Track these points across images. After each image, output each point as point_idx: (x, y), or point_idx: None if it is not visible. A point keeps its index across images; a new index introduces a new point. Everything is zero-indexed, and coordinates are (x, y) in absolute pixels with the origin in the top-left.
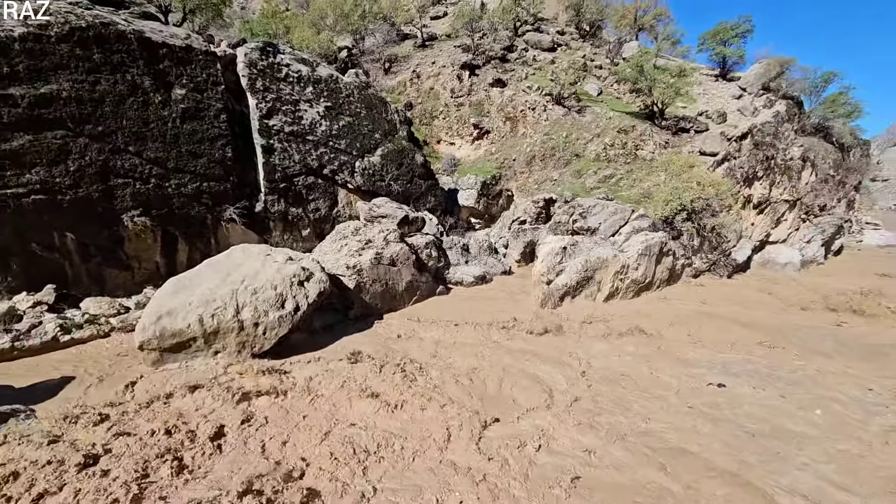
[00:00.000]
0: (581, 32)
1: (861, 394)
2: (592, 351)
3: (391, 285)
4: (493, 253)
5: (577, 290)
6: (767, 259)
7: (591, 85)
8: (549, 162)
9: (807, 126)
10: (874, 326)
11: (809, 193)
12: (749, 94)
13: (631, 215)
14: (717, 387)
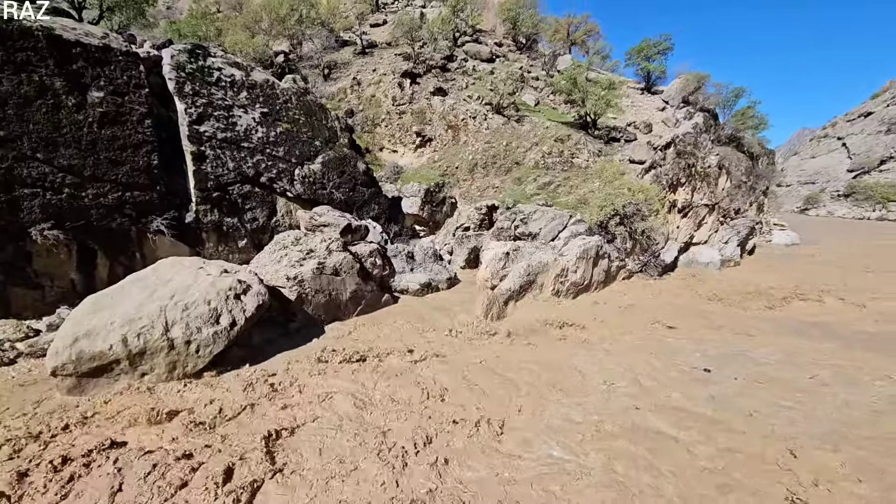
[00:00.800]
0: (518, 45)
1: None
2: (541, 354)
3: (335, 295)
4: (438, 260)
5: (521, 293)
6: (692, 259)
7: (528, 95)
8: (491, 169)
9: (721, 136)
10: (784, 311)
11: (726, 198)
12: (671, 106)
13: (569, 220)
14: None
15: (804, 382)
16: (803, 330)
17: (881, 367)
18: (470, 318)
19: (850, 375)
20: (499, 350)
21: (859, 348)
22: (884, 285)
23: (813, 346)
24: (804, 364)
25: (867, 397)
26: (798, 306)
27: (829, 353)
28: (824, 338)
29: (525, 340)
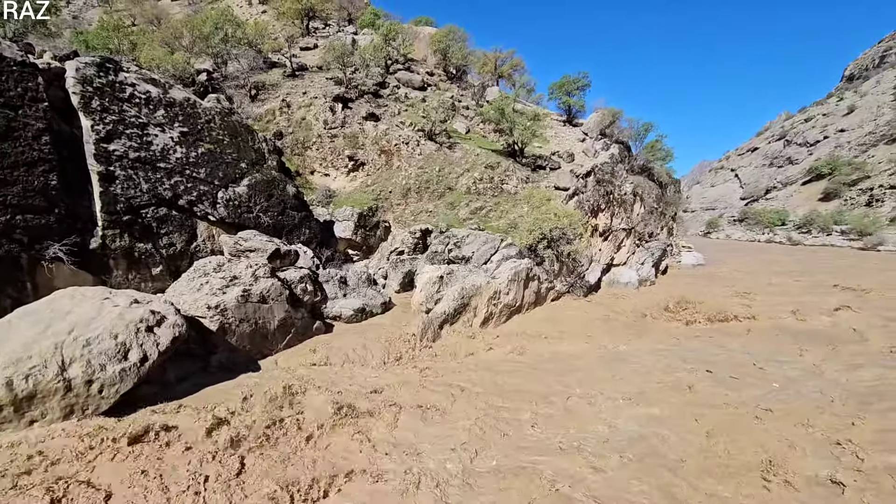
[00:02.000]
0: (449, 75)
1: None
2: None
3: (262, 324)
4: (372, 284)
5: (455, 316)
6: (613, 279)
7: (459, 123)
8: (424, 194)
9: (635, 166)
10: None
11: (640, 223)
12: (590, 138)
13: (500, 244)
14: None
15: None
16: (710, 334)
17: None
18: (405, 344)
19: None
20: (428, 380)
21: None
22: (771, 295)
23: (715, 345)
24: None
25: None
26: (706, 316)
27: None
28: (728, 337)
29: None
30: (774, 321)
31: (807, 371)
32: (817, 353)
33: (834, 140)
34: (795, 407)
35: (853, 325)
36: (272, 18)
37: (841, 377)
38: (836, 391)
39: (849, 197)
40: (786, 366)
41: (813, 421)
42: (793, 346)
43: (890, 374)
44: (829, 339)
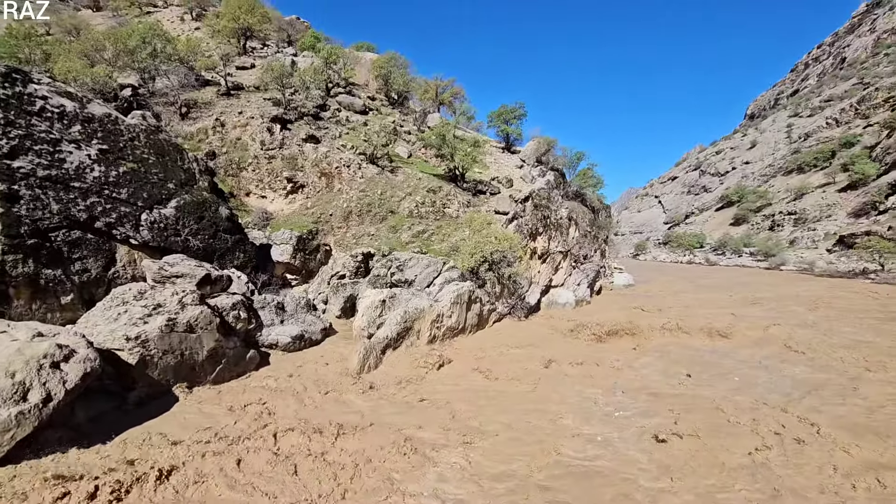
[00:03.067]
0: (390, 100)
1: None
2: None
3: (189, 355)
4: (311, 310)
5: (398, 340)
6: (552, 301)
7: (401, 148)
8: (366, 217)
9: (569, 192)
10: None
11: (576, 245)
12: (528, 164)
13: (443, 267)
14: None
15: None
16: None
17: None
18: (345, 373)
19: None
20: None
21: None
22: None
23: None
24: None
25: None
26: (635, 331)
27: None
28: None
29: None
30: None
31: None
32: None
33: (741, 171)
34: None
35: (783, 338)
36: (206, 36)
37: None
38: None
39: (755, 222)
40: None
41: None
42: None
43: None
44: (780, 343)
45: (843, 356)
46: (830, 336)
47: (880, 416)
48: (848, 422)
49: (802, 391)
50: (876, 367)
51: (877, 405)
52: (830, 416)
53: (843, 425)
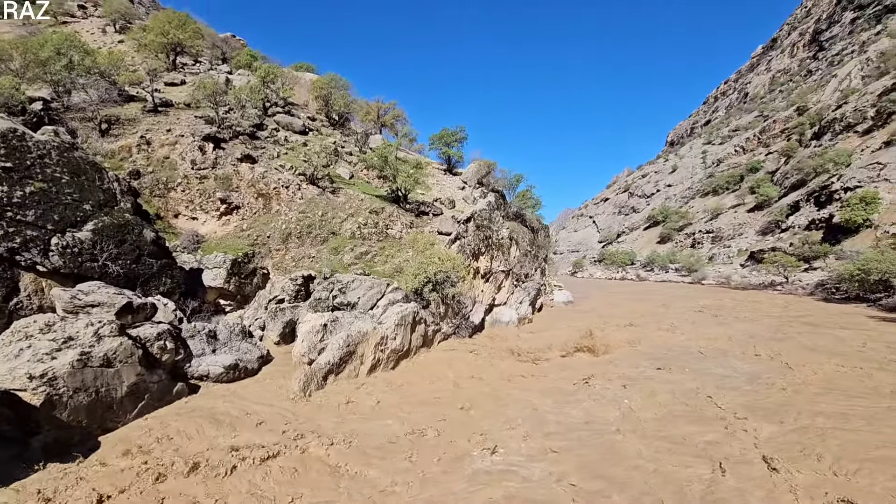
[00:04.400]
0: (331, 121)
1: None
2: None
3: (105, 393)
4: (247, 337)
5: (341, 366)
6: (495, 319)
7: (342, 169)
8: (307, 239)
9: (510, 213)
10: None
11: (517, 265)
12: (469, 186)
13: (386, 289)
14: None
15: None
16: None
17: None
18: (284, 402)
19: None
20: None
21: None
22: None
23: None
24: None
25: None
26: (577, 346)
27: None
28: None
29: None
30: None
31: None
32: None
33: (664, 193)
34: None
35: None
36: (131, 49)
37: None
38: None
39: (678, 240)
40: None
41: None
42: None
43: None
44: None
45: (760, 352)
46: (745, 335)
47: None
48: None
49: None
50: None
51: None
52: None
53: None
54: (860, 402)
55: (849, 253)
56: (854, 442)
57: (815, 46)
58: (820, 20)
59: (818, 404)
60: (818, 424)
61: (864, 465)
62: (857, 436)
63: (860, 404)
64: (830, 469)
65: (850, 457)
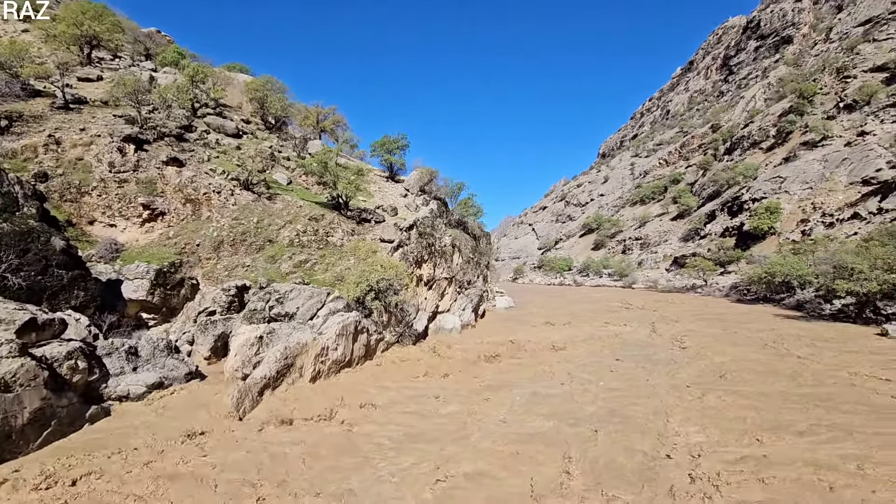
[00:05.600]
0: (267, 125)
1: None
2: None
3: (3, 421)
4: (173, 353)
5: (279, 379)
6: (439, 326)
7: (280, 174)
8: (241, 247)
9: (452, 221)
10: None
11: (460, 271)
12: (412, 193)
13: (327, 298)
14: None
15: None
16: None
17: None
18: (213, 420)
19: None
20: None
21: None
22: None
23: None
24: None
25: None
26: (517, 350)
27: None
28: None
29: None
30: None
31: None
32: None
33: (598, 202)
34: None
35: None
36: (37, 40)
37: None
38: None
39: (610, 246)
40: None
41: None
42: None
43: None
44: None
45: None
46: (677, 329)
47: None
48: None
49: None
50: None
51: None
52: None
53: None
54: (745, 376)
55: (757, 257)
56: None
57: (726, 70)
58: (729, 47)
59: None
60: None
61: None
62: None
63: (744, 377)
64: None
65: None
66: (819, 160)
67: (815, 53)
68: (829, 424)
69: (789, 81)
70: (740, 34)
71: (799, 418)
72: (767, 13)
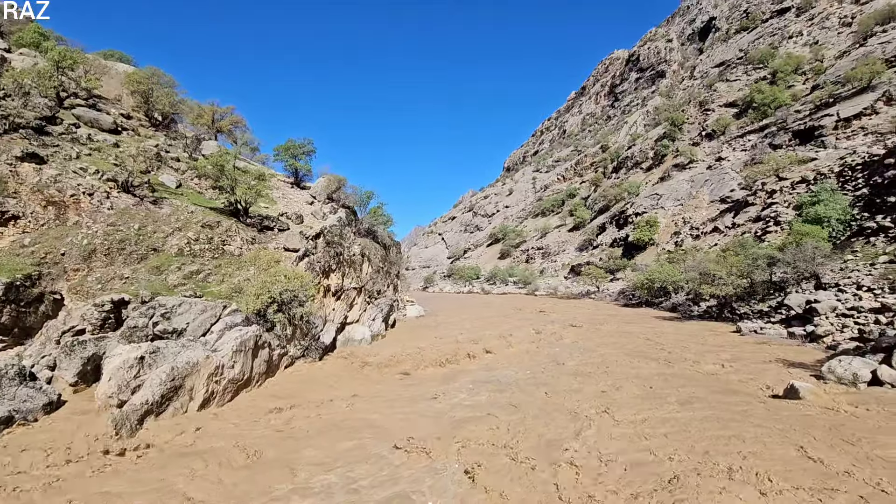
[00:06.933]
0: (153, 121)
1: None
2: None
3: None
4: (27, 381)
5: (164, 404)
6: (348, 338)
7: (167, 176)
8: (118, 257)
9: (361, 229)
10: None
11: (369, 281)
12: (319, 201)
13: (223, 311)
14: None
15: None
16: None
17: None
18: (79, 458)
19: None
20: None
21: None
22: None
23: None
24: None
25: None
26: (427, 359)
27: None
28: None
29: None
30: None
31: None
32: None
33: (503, 213)
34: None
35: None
36: None
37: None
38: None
39: (515, 256)
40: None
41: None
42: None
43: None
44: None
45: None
46: (582, 325)
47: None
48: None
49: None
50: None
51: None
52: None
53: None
54: (631, 361)
55: (640, 266)
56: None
57: (613, 97)
58: (615, 76)
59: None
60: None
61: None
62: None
63: (630, 363)
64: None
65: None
66: (687, 180)
67: (683, 87)
68: (679, 395)
69: (663, 110)
70: (624, 65)
71: (660, 390)
72: (645, 49)
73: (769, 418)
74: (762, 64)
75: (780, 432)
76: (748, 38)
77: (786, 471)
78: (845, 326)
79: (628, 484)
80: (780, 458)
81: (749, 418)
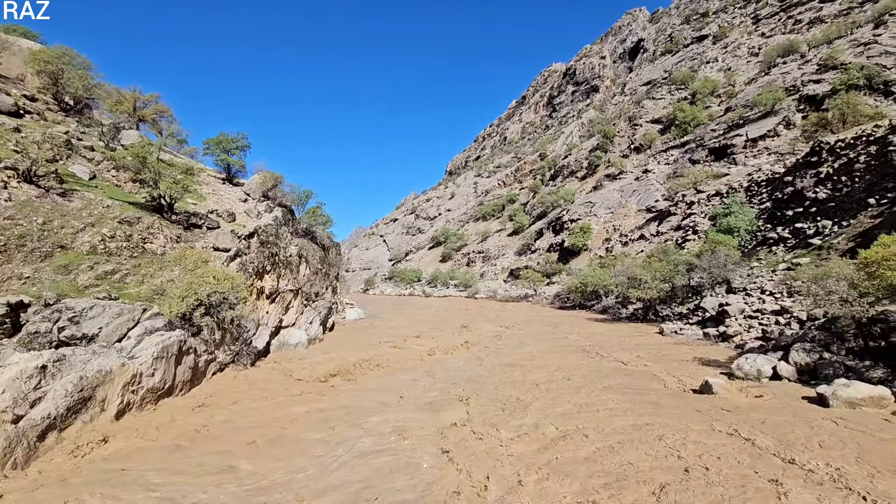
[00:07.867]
0: (62, 105)
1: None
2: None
3: None
4: None
5: (69, 417)
6: (283, 342)
7: (79, 167)
8: (17, 254)
9: (299, 230)
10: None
11: (307, 283)
12: (253, 198)
13: (142, 315)
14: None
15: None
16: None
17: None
18: None
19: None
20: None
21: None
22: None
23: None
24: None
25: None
26: (369, 362)
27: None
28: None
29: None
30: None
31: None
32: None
33: (445, 216)
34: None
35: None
36: None
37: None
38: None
39: (457, 259)
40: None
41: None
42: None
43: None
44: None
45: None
46: (519, 327)
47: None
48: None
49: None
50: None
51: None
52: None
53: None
54: (563, 356)
55: (574, 270)
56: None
57: (551, 107)
58: (553, 88)
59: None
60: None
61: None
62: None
63: (563, 357)
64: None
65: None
66: (618, 190)
67: (615, 102)
68: (600, 384)
69: (597, 123)
70: (561, 78)
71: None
72: (581, 64)
73: (687, 407)
74: (684, 85)
75: (699, 416)
76: (672, 60)
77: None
78: (751, 327)
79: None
80: (696, 431)
81: (665, 409)
